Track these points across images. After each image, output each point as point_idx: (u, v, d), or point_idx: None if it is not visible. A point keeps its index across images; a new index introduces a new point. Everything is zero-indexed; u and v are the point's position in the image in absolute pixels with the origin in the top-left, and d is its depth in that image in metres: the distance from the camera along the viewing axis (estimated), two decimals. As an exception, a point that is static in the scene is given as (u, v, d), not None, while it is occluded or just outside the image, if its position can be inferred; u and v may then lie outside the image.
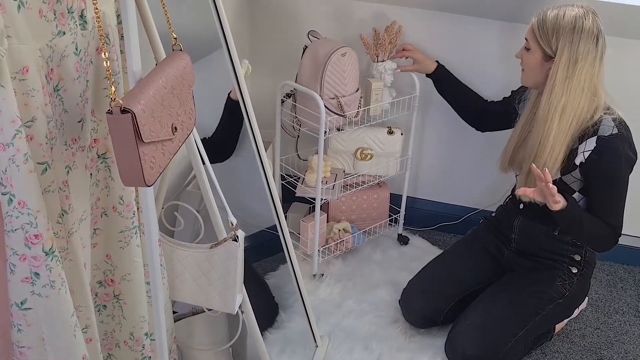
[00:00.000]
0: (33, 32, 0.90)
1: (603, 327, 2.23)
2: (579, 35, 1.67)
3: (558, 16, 1.70)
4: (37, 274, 0.97)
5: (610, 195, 1.78)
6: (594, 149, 1.73)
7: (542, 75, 1.78)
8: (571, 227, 1.80)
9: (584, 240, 1.91)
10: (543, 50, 1.74)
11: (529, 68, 1.81)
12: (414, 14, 2.37)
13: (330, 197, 2.31)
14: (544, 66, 1.77)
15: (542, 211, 1.84)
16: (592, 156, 1.74)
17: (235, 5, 2.36)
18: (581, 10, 1.70)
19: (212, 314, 1.64)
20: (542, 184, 1.64)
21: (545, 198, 1.69)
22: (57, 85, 0.99)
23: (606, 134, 1.72)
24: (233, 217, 1.42)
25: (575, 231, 1.84)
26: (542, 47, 1.74)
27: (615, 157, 1.73)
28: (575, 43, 1.68)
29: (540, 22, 1.73)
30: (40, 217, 0.93)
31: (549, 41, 1.72)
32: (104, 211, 1.20)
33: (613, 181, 1.76)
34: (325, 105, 2.07)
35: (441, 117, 2.56)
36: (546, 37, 1.72)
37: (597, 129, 1.73)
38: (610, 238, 1.80)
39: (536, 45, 1.75)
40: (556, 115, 1.73)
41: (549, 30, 1.71)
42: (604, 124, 1.73)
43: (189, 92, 1.13)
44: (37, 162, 0.95)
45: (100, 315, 1.31)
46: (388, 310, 2.19)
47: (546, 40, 1.72)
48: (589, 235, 1.82)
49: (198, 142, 1.35)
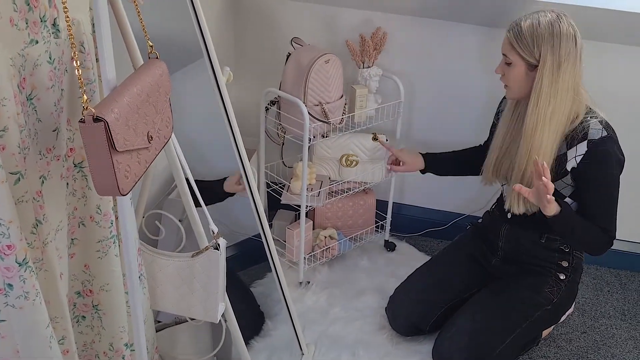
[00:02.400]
0: (4, 41, 0.89)
1: (590, 331, 2.23)
2: (559, 39, 1.68)
3: (533, 25, 1.70)
4: (11, 285, 0.95)
5: (604, 198, 1.78)
6: (585, 153, 1.73)
7: (529, 85, 1.77)
8: (565, 232, 1.80)
9: (578, 245, 1.91)
10: (526, 61, 1.74)
11: (513, 82, 1.79)
12: (399, 21, 2.37)
13: (315, 204, 2.30)
14: (529, 76, 1.76)
15: (530, 218, 1.84)
16: (585, 160, 1.74)
17: (219, 13, 2.36)
18: (554, 15, 1.71)
19: (195, 323, 1.63)
20: (539, 182, 1.63)
21: (540, 198, 1.68)
22: (30, 94, 0.98)
23: (596, 137, 1.72)
24: (214, 226, 1.41)
25: (569, 236, 1.84)
26: (525, 58, 1.73)
27: (608, 160, 1.74)
28: (557, 47, 1.68)
29: (517, 35, 1.73)
30: (12, 227, 0.92)
31: (530, 51, 1.71)
32: (81, 221, 1.19)
33: (607, 184, 1.76)
34: (309, 112, 2.07)
35: (426, 123, 2.56)
36: (527, 47, 1.71)
37: (587, 133, 1.73)
38: (604, 242, 1.80)
39: (518, 58, 1.75)
40: (546, 122, 1.73)
41: (528, 40, 1.70)
42: (592, 128, 1.73)
43: (166, 100, 1.12)
44: (10, 172, 0.93)
45: (80, 326, 1.30)
46: (375, 317, 2.18)
47: (528, 50, 1.72)
48: (583, 239, 1.82)
49: (178, 151, 1.34)
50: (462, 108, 2.48)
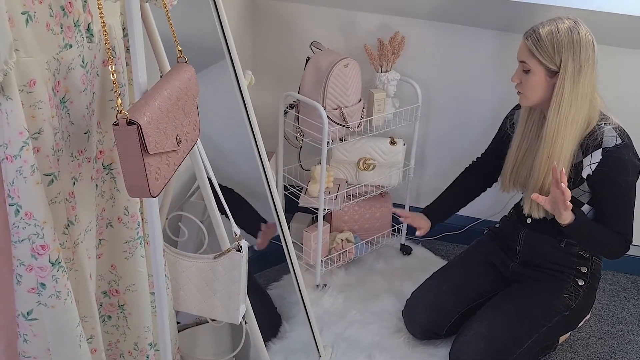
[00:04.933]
0: (40, 46, 0.91)
1: (606, 336, 2.23)
2: (579, 45, 1.68)
3: (552, 32, 1.70)
4: (44, 285, 0.97)
5: (620, 205, 1.79)
6: (600, 160, 1.74)
7: (546, 92, 1.76)
8: (582, 238, 1.83)
9: (596, 250, 1.92)
10: (546, 67, 1.72)
11: (531, 89, 1.77)
12: (417, 25, 2.38)
13: (333, 207, 2.31)
14: (548, 83, 1.75)
15: (549, 223, 1.84)
16: (600, 168, 1.74)
17: (239, 17, 2.38)
18: (571, 22, 1.71)
19: (215, 325, 1.64)
20: (557, 190, 1.64)
21: (556, 206, 1.69)
22: (63, 97, 1.00)
23: (611, 145, 1.73)
24: (237, 228, 1.43)
25: (586, 242, 1.86)
26: (546, 64, 1.72)
27: (623, 167, 1.74)
28: (577, 53, 1.68)
29: (536, 42, 1.72)
30: (46, 228, 0.94)
31: (551, 57, 1.70)
32: (109, 222, 1.21)
33: (622, 191, 1.77)
34: (328, 116, 2.08)
35: (443, 127, 2.57)
36: (547, 54, 1.70)
37: (601, 141, 1.74)
38: (621, 246, 1.81)
39: (537, 65, 1.73)
40: (567, 127, 1.73)
41: (548, 46, 1.70)
42: (606, 135, 1.74)
43: (194, 103, 1.14)
44: (44, 174, 0.95)
45: (105, 326, 1.31)
46: (391, 320, 2.19)
47: (548, 57, 1.71)
48: (600, 245, 1.84)
49: (202, 154, 1.36)
50: (479, 112, 2.49)
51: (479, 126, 2.50)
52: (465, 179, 2.23)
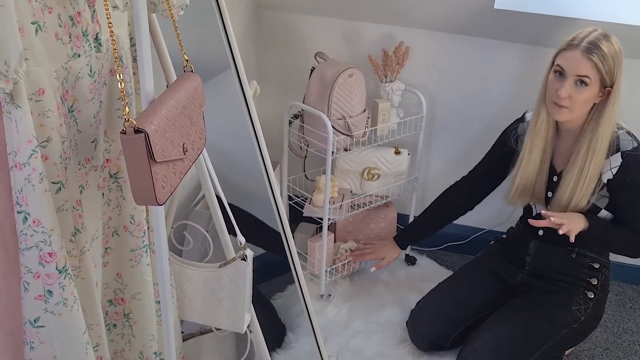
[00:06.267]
0: (49, 55, 0.92)
1: (612, 347, 2.22)
2: (621, 61, 1.69)
3: (609, 45, 1.67)
4: (51, 292, 0.98)
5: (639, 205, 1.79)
6: (620, 164, 1.74)
7: (589, 107, 1.75)
8: (597, 240, 1.84)
9: (614, 250, 1.93)
10: (603, 82, 1.70)
11: (581, 103, 1.72)
12: (420, 35, 2.39)
13: (337, 217, 2.32)
14: (596, 99, 1.73)
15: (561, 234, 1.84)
16: (620, 171, 1.74)
17: (244, 27, 2.40)
18: (613, 37, 1.70)
19: (220, 334, 1.64)
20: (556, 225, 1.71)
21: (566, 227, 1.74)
22: (71, 106, 1.01)
23: (629, 148, 1.73)
24: (242, 237, 1.43)
25: (602, 244, 1.87)
26: (605, 79, 1.69)
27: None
28: (621, 68, 1.69)
29: (602, 58, 1.66)
30: (54, 235, 0.95)
31: (611, 72, 1.68)
32: (115, 230, 1.22)
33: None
34: (333, 126, 2.09)
35: (448, 137, 2.58)
36: (609, 69, 1.68)
37: (618, 146, 1.74)
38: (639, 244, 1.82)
39: (598, 79, 1.69)
40: (604, 144, 1.74)
41: (610, 62, 1.67)
42: (622, 139, 1.74)
43: (200, 112, 1.15)
44: (52, 182, 0.96)
45: (110, 334, 1.32)
46: (395, 330, 2.18)
47: (610, 72, 1.68)
48: (618, 247, 1.87)
49: (208, 163, 1.36)
50: (483, 122, 2.49)
51: (483, 136, 2.50)
52: (447, 202, 2.21)
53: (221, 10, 1.38)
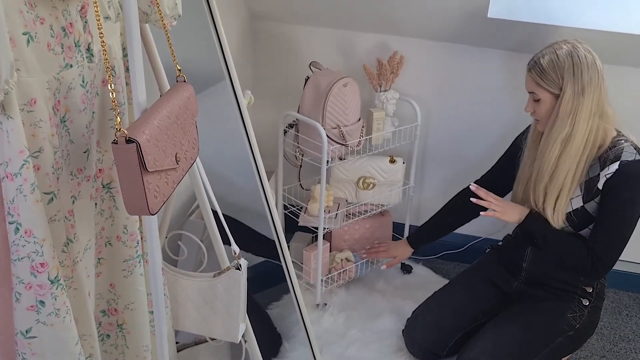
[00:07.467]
0: (41, 65, 0.92)
1: (609, 355, 2.21)
2: (579, 67, 1.70)
3: (553, 60, 1.73)
4: (43, 302, 0.97)
5: (612, 220, 1.76)
6: (615, 171, 1.74)
7: None
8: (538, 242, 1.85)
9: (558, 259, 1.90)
10: (553, 94, 1.75)
11: (545, 115, 1.79)
12: (414, 44, 2.41)
13: (332, 226, 2.32)
14: None
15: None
16: (613, 177, 1.74)
17: (238, 37, 2.41)
18: (569, 45, 1.73)
19: (215, 344, 1.64)
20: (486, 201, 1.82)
21: None
22: (63, 116, 1.01)
23: (629, 159, 1.73)
24: (236, 246, 1.43)
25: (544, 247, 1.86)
26: (551, 91, 1.74)
27: (635, 182, 1.74)
28: (578, 75, 1.70)
29: (539, 73, 1.75)
30: (46, 245, 0.95)
31: (555, 83, 1.73)
32: (108, 240, 1.22)
33: (624, 206, 1.75)
34: (328, 135, 2.09)
35: (442, 146, 2.58)
36: (552, 81, 1.73)
37: (620, 155, 1.74)
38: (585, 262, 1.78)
39: (545, 93, 1.76)
40: (557, 145, 1.75)
41: (552, 75, 1.72)
42: (625, 151, 1.74)
43: (193, 122, 1.15)
44: (44, 192, 0.96)
45: (104, 345, 1.31)
46: (392, 339, 2.18)
47: (553, 84, 1.73)
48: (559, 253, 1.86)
49: (202, 172, 1.36)
50: (478, 131, 2.50)
51: (478, 144, 2.51)
52: (458, 205, 2.21)
53: (215, 21, 1.38)
